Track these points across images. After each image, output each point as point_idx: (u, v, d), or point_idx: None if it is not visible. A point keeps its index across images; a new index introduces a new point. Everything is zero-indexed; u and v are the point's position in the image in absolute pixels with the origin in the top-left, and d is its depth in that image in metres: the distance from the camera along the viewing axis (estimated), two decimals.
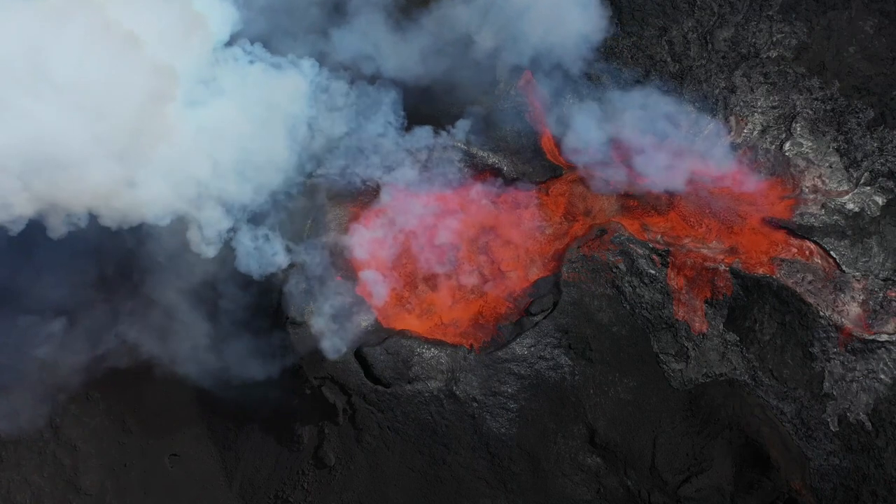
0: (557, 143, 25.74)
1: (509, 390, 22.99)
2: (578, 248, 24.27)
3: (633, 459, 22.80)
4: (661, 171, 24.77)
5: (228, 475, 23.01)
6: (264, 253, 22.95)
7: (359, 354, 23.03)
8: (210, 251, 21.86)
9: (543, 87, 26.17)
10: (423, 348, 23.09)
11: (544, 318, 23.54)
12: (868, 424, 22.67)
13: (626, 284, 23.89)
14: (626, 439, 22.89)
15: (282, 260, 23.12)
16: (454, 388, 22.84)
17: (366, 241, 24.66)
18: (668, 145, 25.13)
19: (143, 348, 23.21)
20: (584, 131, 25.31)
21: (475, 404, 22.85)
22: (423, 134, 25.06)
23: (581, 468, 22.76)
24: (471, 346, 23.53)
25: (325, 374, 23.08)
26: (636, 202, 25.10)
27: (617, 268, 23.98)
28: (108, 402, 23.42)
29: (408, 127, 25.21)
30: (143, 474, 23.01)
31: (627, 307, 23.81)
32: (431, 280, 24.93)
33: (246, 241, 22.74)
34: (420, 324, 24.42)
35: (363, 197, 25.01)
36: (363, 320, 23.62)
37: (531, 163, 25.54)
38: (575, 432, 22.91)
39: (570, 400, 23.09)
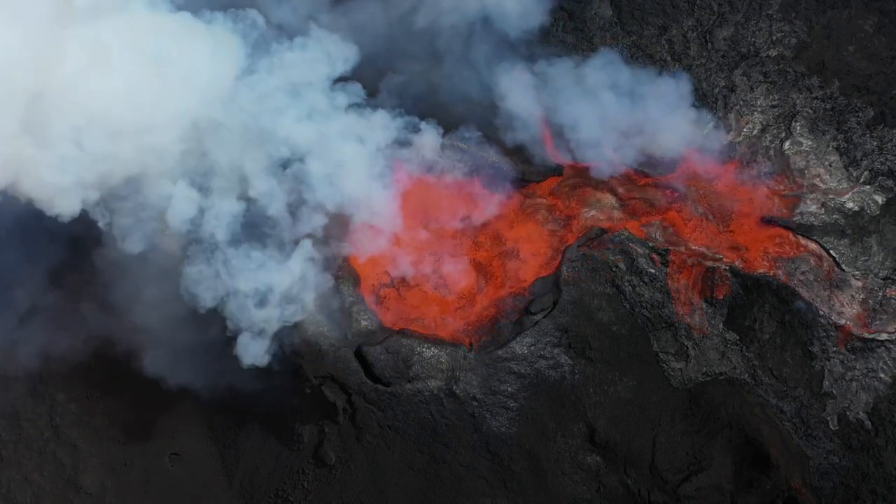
0: (553, 140, 25.74)
1: (509, 389, 22.99)
2: (578, 247, 24.27)
3: (632, 458, 22.81)
4: (612, 148, 24.61)
5: (228, 474, 22.97)
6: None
7: (359, 353, 23.05)
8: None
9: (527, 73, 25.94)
10: (423, 347, 23.10)
11: (544, 317, 23.54)
12: (868, 423, 22.69)
13: (626, 283, 23.90)
14: (625, 438, 22.90)
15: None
16: (454, 387, 22.84)
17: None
18: (621, 120, 24.81)
19: (136, 347, 23.04)
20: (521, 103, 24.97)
21: (475, 403, 22.85)
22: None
23: (581, 467, 22.77)
24: (470, 344, 23.54)
25: (325, 373, 23.11)
26: (636, 201, 25.10)
27: (617, 267, 23.98)
28: (108, 402, 23.38)
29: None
30: (143, 474, 22.96)
31: (627, 306, 23.81)
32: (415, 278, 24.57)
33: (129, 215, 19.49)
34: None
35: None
36: (299, 313, 21.55)
37: (530, 162, 25.52)
38: (575, 431, 22.92)
39: (569, 399, 23.10)
